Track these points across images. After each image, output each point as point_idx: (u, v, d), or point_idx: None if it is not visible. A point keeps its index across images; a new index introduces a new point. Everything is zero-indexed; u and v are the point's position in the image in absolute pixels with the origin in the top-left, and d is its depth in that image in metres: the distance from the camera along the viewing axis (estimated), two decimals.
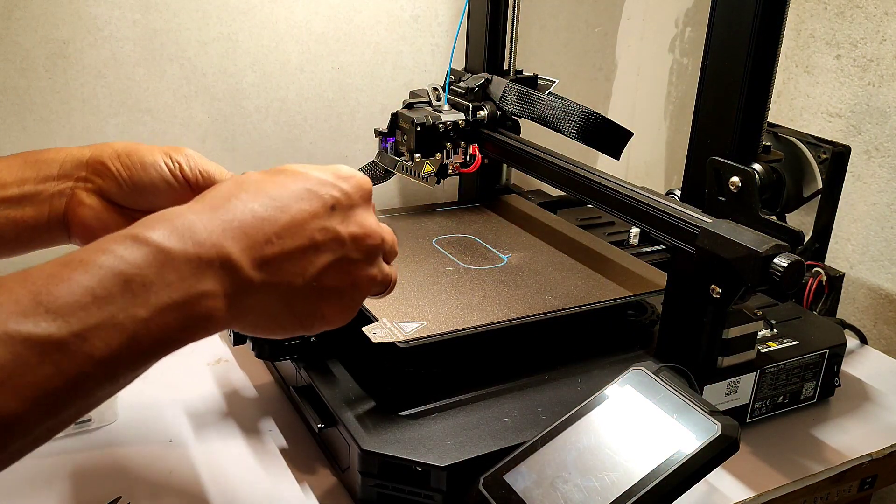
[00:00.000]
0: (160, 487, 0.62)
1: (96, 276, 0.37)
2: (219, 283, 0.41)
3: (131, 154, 0.56)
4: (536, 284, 0.74)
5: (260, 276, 0.42)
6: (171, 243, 0.39)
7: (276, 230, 0.43)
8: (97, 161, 0.56)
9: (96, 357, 0.37)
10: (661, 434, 0.55)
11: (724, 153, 0.63)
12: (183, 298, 0.39)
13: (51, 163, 0.56)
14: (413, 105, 0.89)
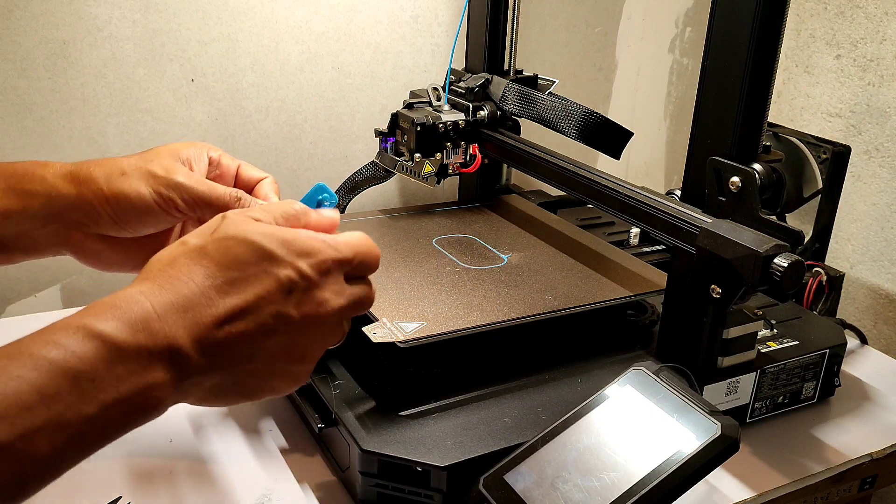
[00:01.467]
0: (160, 487, 0.62)
1: (45, 373, 0.36)
2: (167, 373, 0.40)
3: (119, 198, 0.54)
4: (536, 284, 0.74)
5: (207, 360, 0.41)
6: (122, 336, 0.38)
7: (226, 313, 0.41)
8: (86, 205, 0.54)
9: (40, 457, 0.36)
10: (661, 434, 0.54)
11: (724, 153, 0.63)
12: (130, 393, 0.38)
13: (36, 196, 0.54)
14: (413, 105, 0.89)
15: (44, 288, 0.94)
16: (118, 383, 0.38)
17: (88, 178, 0.54)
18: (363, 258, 0.48)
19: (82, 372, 0.37)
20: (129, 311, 0.39)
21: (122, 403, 0.38)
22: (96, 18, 0.87)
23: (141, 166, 0.55)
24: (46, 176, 0.54)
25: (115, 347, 0.38)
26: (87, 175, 0.54)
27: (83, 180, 0.54)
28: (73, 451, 0.37)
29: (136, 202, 0.54)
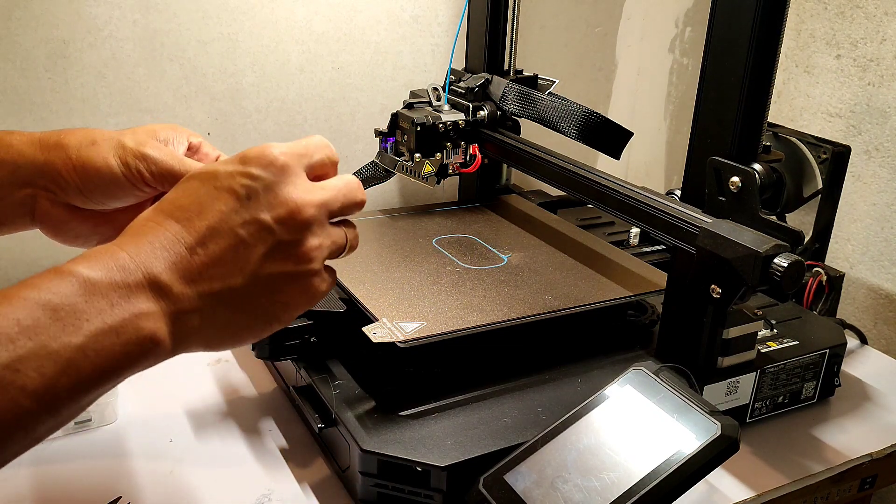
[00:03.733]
0: (160, 487, 0.62)
1: (22, 308, 0.37)
2: (153, 304, 0.40)
3: (86, 166, 0.53)
4: (536, 284, 0.74)
5: (195, 289, 0.42)
6: (95, 273, 0.39)
7: (196, 239, 0.42)
8: (53, 170, 0.53)
9: (30, 388, 0.36)
10: (661, 434, 0.55)
11: (724, 153, 0.63)
12: (118, 322, 0.38)
13: (2, 164, 0.53)
14: (413, 105, 0.89)
15: None
16: (102, 315, 0.38)
17: (58, 145, 0.53)
18: (345, 201, 0.48)
19: (61, 305, 0.37)
20: (103, 256, 0.40)
21: (112, 334, 0.38)
22: (96, 18, 0.87)
23: (113, 137, 0.54)
24: (13, 143, 0.53)
25: (91, 282, 0.38)
26: (56, 142, 0.53)
27: (52, 146, 0.53)
28: (67, 383, 0.37)
29: (103, 171, 0.53)
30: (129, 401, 0.73)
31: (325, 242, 0.47)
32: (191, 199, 0.43)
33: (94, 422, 0.69)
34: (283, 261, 0.44)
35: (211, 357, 0.81)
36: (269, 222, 0.43)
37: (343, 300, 0.70)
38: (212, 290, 0.42)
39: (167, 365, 0.42)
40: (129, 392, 0.74)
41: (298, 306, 0.46)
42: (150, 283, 0.40)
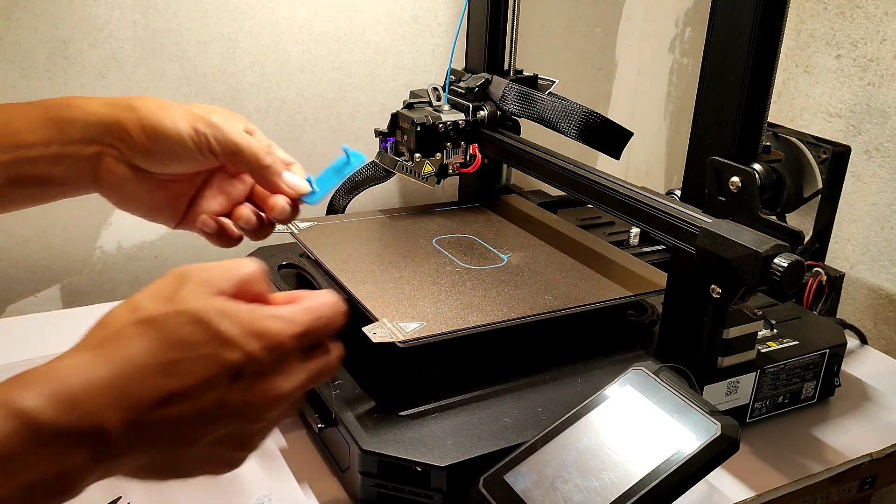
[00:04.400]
0: (160, 487, 0.62)
1: None
2: (88, 457, 0.37)
3: (156, 127, 0.54)
4: (536, 284, 0.74)
5: (138, 441, 0.39)
6: (46, 415, 0.35)
7: (164, 394, 0.38)
8: (122, 129, 0.54)
9: None
10: (661, 434, 0.54)
11: (724, 153, 0.63)
12: (44, 476, 0.36)
13: (74, 123, 0.54)
14: (413, 105, 0.89)
15: (44, 288, 0.94)
16: (34, 467, 0.35)
17: (129, 107, 0.54)
18: (327, 321, 0.44)
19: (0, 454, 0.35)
20: (60, 386, 0.37)
21: (33, 488, 0.36)
22: (96, 18, 0.87)
23: (182, 105, 0.55)
24: (85, 104, 0.54)
25: (38, 427, 0.35)
26: (127, 103, 0.55)
27: (123, 107, 0.54)
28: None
29: (171, 134, 0.54)
30: None
31: (288, 414, 0.44)
32: (183, 348, 0.39)
33: None
34: (232, 443, 0.42)
35: None
36: (242, 408, 0.40)
37: (343, 300, 0.70)
38: (154, 446, 0.40)
39: None
40: None
41: (219, 473, 0.45)
42: (97, 434, 0.37)
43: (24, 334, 0.84)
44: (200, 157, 0.55)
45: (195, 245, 1.00)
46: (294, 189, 0.58)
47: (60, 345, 0.77)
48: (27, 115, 0.53)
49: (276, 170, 0.57)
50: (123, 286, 0.98)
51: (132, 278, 0.98)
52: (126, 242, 0.97)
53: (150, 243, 0.98)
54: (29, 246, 0.92)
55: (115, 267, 0.97)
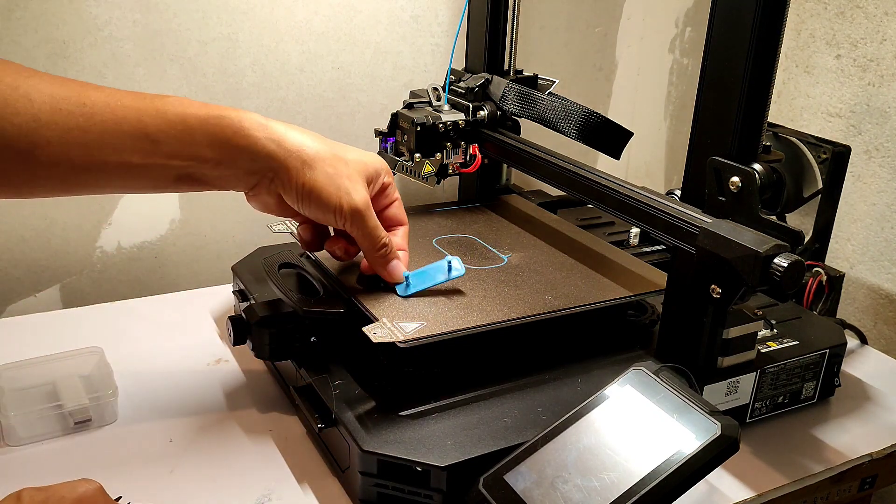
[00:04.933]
0: (160, 487, 0.62)
1: None
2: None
3: (313, 197, 0.63)
4: (536, 284, 0.74)
5: None
6: None
7: None
8: (285, 177, 0.63)
9: None
10: (661, 434, 0.55)
11: (724, 153, 0.63)
12: None
13: (244, 151, 0.61)
14: (413, 105, 0.89)
15: (44, 288, 0.95)
16: None
17: (301, 159, 0.63)
18: None
19: None
20: None
21: None
22: (96, 18, 0.87)
23: (339, 169, 0.64)
24: (255, 134, 0.61)
25: None
26: (299, 153, 0.63)
27: (296, 156, 0.63)
28: None
29: (323, 207, 0.64)
30: (129, 401, 0.73)
31: None
32: None
33: (94, 422, 0.69)
34: None
35: (211, 357, 0.81)
36: None
37: (343, 300, 0.70)
38: None
39: (167, 365, 0.42)
40: (129, 392, 0.74)
41: None
42: None
43: (24, 334, 0.84)
44: (333, 218, 0.65)
45: (195, 245, 1.00)
46: (391, 278, 0.69)
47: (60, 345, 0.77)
48: (206, 130, 0.60)
49: (383, 261, 0.68)
50: (123, 286, 0.98)
51: (132, 278, 0.98)
52: (126, 242, 0.97)
53: (150, 243, 0.98)
54: (29, 246, 0.92)
55: (115, 267, 0.97)
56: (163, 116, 0.59)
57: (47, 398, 0.70)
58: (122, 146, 0.58)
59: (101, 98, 0.58)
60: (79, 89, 0.58)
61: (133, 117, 0.58)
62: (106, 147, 0.58)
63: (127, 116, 0.58)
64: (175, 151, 0.60)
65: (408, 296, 0.69)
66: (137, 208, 0.96)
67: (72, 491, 0.50)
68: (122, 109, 0.58)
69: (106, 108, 0.58)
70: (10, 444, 0.66)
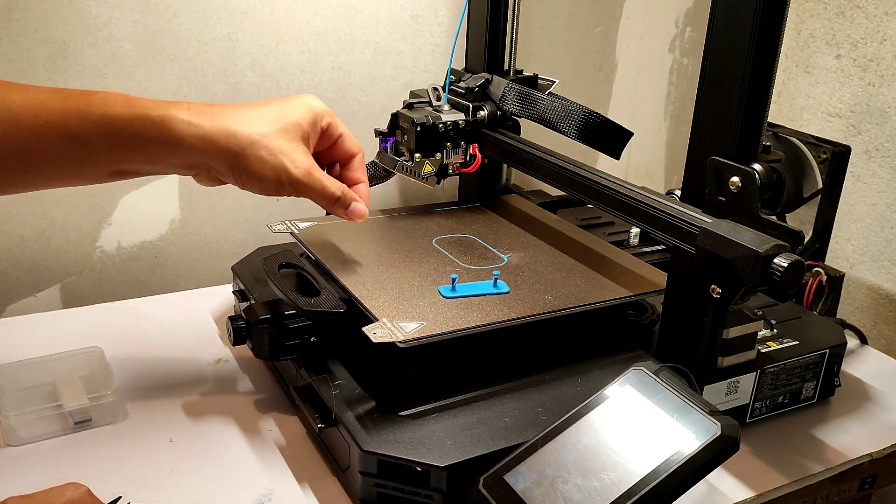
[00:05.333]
0: (160, 487, 0.62)
1: None
2: None
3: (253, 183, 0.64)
4: (536, 284, 0.74)
5: None
6: None
7: None
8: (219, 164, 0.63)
9: None
10: (661, 434, 0.55)
11: (724, 153, 0.63)
12: None
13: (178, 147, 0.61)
14: (413, 105, 0.89)
15: (44, 288, 0.95)
16: None
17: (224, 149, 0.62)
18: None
19: None
20: None
21: None
22: (96, 18, 0.87)
23: (271, 148, 0.63)
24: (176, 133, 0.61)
25: None
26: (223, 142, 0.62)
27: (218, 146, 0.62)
28: None
29: (263, 184, 0.64)
30: (129, 401, 0.73)
31: None
32: None
33: (94, 422, 0.69)
34: None
35: (211, 357, 0.81)
36: None
37: (343, 300, 0.70)
38: None
39: (167, 365, 0.42)
40: (129, 392, 0.74)
41: None
42: None
43: (24, 334, 0.84)
44: (279, 193, 0.65)
45: (195, 245, 1.00)
46: (356, 219, 0.70)
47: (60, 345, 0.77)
48: (131, 131, 0.60)
49: (342, 209, 0.69)
50: (123, 286, 0.98)
51: (132, 278, 0.99)
52: (126, 242, 0.97)
53: (150, 243, 0.98)
54: (29, 246, 0.92)
55: (115, 267, 0.97)
56: (87, 119, 0.59)
57: (47, 398, 0.70)
58: (52, 149, 0.59)
59: (23, 101, 0.58)
60: (1, 93, 0.58)
61: (57, 120, 0.58)
62: (36, 152, 0.58)
63: (51, 120, 0.58)
64: (104, 151, 0.60)
65: (450, 298, 0.70)
66: (137, 208, 0.96)
67: (59, 496, 0.50)
68: (46, 112, 0.58)
69: (30, 112, 0.58)
70: (10, 444, 0.66)
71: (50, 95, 0.59)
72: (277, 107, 0.66)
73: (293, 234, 0.82)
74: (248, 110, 0.64)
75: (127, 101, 0.60)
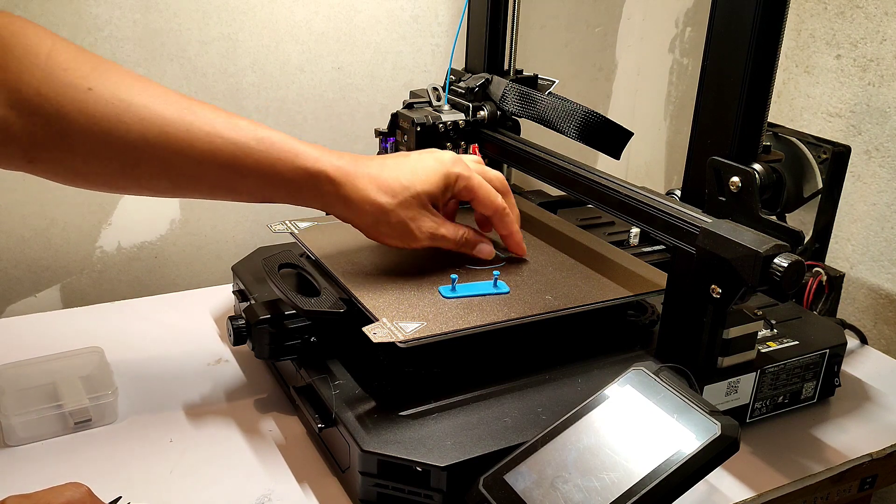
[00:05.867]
0: (160, 487, 0.62)
1: None
2: None
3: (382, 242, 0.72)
4: (536, 284, 0.74)
5: None
6: None
7: None
8: (355, 223, 0.70)
9: None
10: (661, 434, 0.55)
11: (724, 153, 0.63)
12: None
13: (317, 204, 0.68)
14: (413, 105, 0.89)
15: (44, 288, 0.95)
16: None
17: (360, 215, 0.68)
18: None
19: None
20: None
21: None
22: (96, 18, 0.87)
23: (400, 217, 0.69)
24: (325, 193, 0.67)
25: None
26: (364, 208, 0.68)
27: (356, 211, 0.68)
28: None
29: (388, 240, 0.71)
30: (129, 401, 0.73)
31: None
32: None
33: (94, 422, 0.69)
34: None
35: (211, 357, 0.81)
36: None
37: (343, 300, 0.70)
38: None
39: (167, 365, 0.42)
40: (129, 392, 0.74)
41: None
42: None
43: (24, 334, 0.84)
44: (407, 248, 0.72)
45: (195, 245, 1.00)
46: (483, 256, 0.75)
47: (60, 345, 0.78)
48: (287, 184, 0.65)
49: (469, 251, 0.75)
50: (123, 286, 0.98)
51: (132, 278, 0.99)
52: (126, 242, 0.97)
53: (150, 243, 0.98)
54: (29, 246, 0.92)
55: (115, 267, 0.97)
56: (251, 157, 0.64)
57: (47, 398, 0.70)
58: (213, 174, 0.64)
59: (201, 125, 0.62)
60: (182, 111, 0.62)
61: (228, 152, 0.63)
62: (199, 175, 0.63)
63: (222, 149, 0.63)
64: (256, 188, 0.65)
65: (450, 298, 0.70)
66: (137, 208, 0.96)
67: (58, 496, 0.50)
68: (220, 140, 0.62)
69: (206, 137, 0.62)
70: (10, 444, 0.66)
71: (225, 123, 0.63)
72: (411, 168, 0.70)
73: (293, 234, 0.82)
74: (388, 173, 0.68)
75: (292, 149, 0.65)
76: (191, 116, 0.62)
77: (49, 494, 0.51)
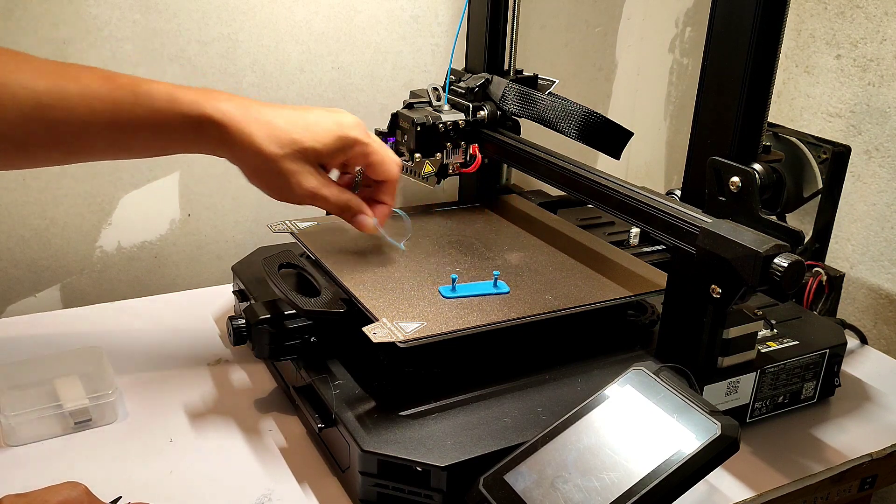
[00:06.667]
0: (160, 487, 0.62)
1: None
2: None
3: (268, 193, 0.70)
4: (536, 284, 0.74)
5: None
6: None
7: None
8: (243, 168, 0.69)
9: None
10: (661, 434, 0.55)
11: (724, 153, 0.63)
12: None
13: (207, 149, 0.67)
14: (413, 105, 0.89)
15: (44, 288, 0.94)
16: None
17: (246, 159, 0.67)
18: None
19: None
20: None
21: None
22: (96, 18, 0.87)
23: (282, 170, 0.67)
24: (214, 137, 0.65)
25: None
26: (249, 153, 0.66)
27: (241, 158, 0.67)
28: None
29: (266, 189, 0.69)
30: (129, 401, 0.73)
31: None
32: None
33: (94, 422, 0.69)
34: None
35: (211, 357, 0.81)
36: None
37: (343, 300, 0.70)
38: None
39: (167, 365, 0.42)
40: (129, 392, 0.74)
41: None
42: None
43: (24, 334, 0.84)
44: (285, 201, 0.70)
45: (195, 245, 1.00)
46: (360, 228, 0.74)
47: (60, 345, 0.78)
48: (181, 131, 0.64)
49: (349, 217, 0.73)
50: (123, 286, 0.98)
51: (132, 278, 0.98)
52: (126, 242, 0.97)
53: (150, 243, 0.98)
54: (29, 246, 0.92)
55: (115, 267, 0.97)
56: (134, 112, 0.63)
57: (47, 398, 0.70)
58: (102, 135, 0.63)
59: (79, 91, 0.61)
60: (57, 80, 0.61)
61: (109, 111, 0.62)
62: (87, 136, 0.63)
63: (103, 111, 0.62)
64: (149, 140, 0.65)
65: (450, 298, 0.70)
66: (137, 208, 0.96)
67: (55, 495, 0.50)
68: (99, 103, 0.62)
69: (84, 102, 0.61)
70: (10, 444, 0.66)
71: (102, 84, 0.62)
72: (306, 123, 0.68)
73: (293, 234, 0.82)
74: (281, 123, 0.67)
75: (170, 97, 0.63)
76: (66, 84, 0.61)
77: (46, 493, 0.51)
